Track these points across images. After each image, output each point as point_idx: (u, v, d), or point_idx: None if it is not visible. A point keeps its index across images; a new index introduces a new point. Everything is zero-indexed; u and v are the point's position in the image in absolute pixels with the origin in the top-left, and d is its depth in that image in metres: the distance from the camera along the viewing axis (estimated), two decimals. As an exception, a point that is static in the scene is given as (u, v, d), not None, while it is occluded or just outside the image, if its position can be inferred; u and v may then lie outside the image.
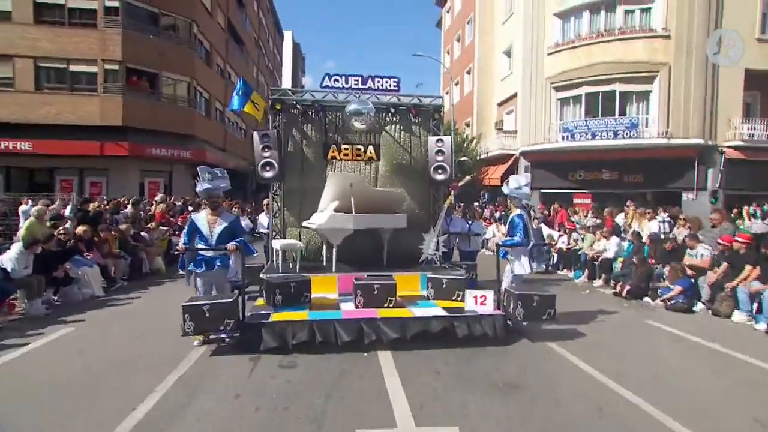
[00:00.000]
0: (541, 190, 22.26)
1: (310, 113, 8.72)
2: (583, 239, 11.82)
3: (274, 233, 8.62)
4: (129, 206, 12.64)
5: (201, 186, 5.92)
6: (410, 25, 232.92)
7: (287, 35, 58.99)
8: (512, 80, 24.51)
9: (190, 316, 5.28)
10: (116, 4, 20.94)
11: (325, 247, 8.19)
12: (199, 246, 5.92)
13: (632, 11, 19.26)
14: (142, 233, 11.77)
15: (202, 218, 6.00)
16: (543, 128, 21.54)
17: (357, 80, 8.70)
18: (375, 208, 7.91)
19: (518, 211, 6.91)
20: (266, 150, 8.10)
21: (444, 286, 6.87)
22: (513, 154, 23.70)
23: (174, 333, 5.56)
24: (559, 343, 6.03)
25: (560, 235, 12.98)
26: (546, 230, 13.26)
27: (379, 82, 8.81)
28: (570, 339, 6.24)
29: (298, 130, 8.74)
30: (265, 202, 10.61)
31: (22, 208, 12.90)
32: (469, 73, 29.76)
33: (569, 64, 20.40)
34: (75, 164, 21.55)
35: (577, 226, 12.73)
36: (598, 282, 10.49)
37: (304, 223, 7.98)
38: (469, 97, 29.60)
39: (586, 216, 14.12)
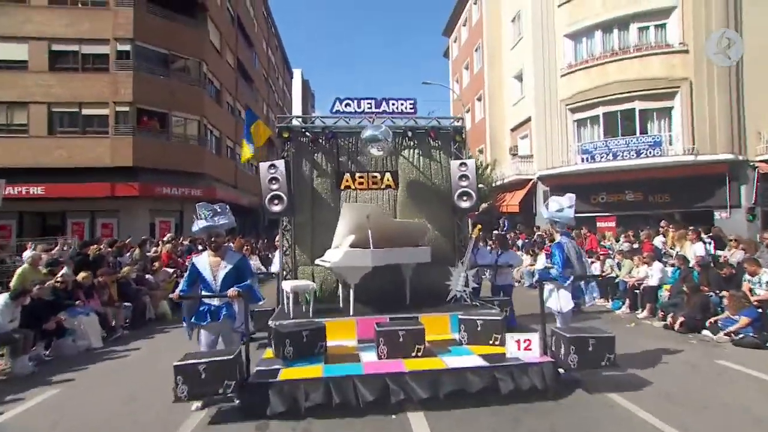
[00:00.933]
0: (562, 215, 21.16)
1: (320, 141, 8.01)
2: (619, 266, 10.78)
3: (284, 273, 7.78)
4: (136, 249, 11.94)
5: (197, 225, 5.14)
6: (417, 57, 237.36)
7: (296, 73, 59.75)
8: (525, 104, 23.88)
9: (183, 378, 4.40)
10: (128, 47, 20.95)
11: (341, 286, 7.33)
12: (200, 293, 5.10)
13: (646, 28, 18.63)
14: (147, 276, 11.02)
15: (203, 261, 5.17)
16: (560, 151, 20.71)
17: (370, 104, 8.01)
18: (395, 241, 7.08)
19: (559, 237, 6.03)
20: (274, 182, 7.36)
21: (479, 328, 5.92)
22: (530, 179, 22.82)
23: (171, 393, 4.68)
24: (623, 394, 5.01)
25: (592, 262, 11.92)
26: (576, 257, 12.24)
27: (393, 104, 8.11)
28: (635, 388, 5.20)
29: (309, 159, 8.02)
30: (277, 239, 9.84)
31: (26, 253, 12.29)
32: (479, 99, 29.28)
33: (584, 84, 19.71)
34: (86, 207, 21.16)
35: (610, 251, 11.70)
36: (643, 313, 9.41)
37: (317, 261, 7.15)
38: (480, 125, 29.03)
39: (617, 240, 13.08)
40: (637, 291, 9.80)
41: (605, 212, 20.22)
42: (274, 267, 8.60)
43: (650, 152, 17.93)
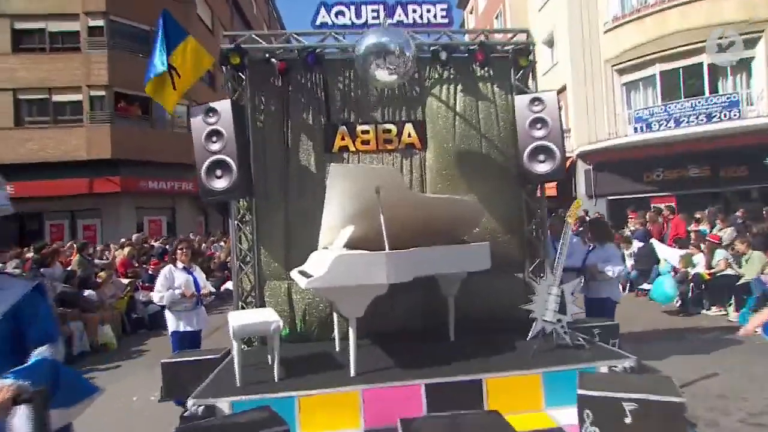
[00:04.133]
0: (609, 197, 17.78)
1: (297, 74, 4.77)
2: (746, 260, 7.33)
3: (240, 294, 4.57)
4: (75, 255, 8.87)
5: None
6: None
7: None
8: (558, 72, 20.28)
9: None
10: (101, 23, 17.92)
11: (335, 317, 4.13)
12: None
13: (716, -38, 14.92)
14: (87, 292, 7.95)
15: None
16: (606, 121, 17.15)
17: (376, 11, 4.74)
18: (429, 234, 3.84)
19: None
20: (214, 139, 4.16)
21: (629, 418, 2.64)
22: (569, 157, 19.29)
23: None
24: None
25: (682, 256, 8.44)
26: (662, 249, 8.82)
27: (415, 10, 4.83)
28: None
29: (276, 103, 4.76)
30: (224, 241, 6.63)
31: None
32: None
33: (635, 38, 16.07)
34: (64, 206, 18.27)
35: (721, 240, 8.22)
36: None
37: (293, 274, 3.93)
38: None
39: (713, 225, 9.59)
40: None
41: (663, 191, 16.64)
42: (229, 283, 5.31)
43: (725, 115, 14.29)
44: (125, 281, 8.91)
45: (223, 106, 4.20)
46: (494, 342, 3.99)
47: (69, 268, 8.33)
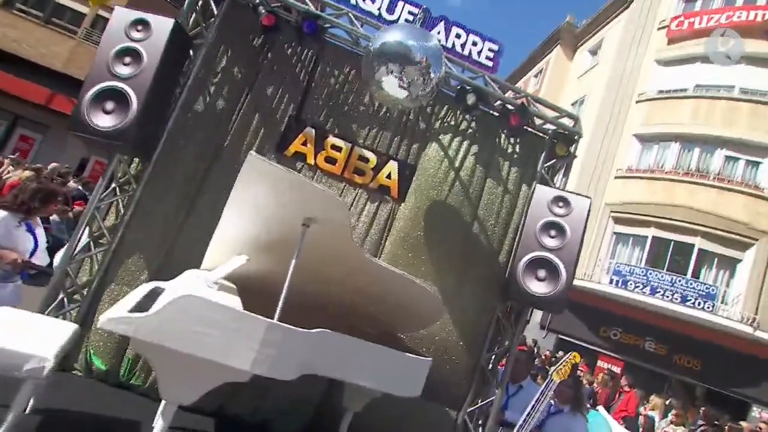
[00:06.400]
0: (560, 336, 16.83)
1: (282, 41, 3.53)
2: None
3: (63, 290, 3.05)
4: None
5: None
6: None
7: None
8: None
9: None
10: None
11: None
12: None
13: (735, 160, 14.95)
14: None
15: None
16: (585, 260, 16.51)
17: (414, 15, 3.63)
18: (354, 315, 2.49)
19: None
20: (126, 61, 2.83)
21: None
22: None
23: None
24: None
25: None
26: (612, 424, 7.57)
27: (459, 36, 3.74)
28: None
29: (244, 66, 3.48)
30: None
31: None
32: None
33: (641, 196, 15.79)
34: (10, 106, 16.05)
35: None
36: None
37: (139, 290, 2.48)
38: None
39: (666, 414, 8.48)
40: None
41: (614, 353, 15.77)
42: (58, 256, 3.64)
43: (698, 303, 13.74)
44: None
45: (162, 24, 2.89)
46: None
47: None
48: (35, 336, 2.04)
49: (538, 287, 3.23)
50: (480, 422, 3.51)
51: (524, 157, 3.80)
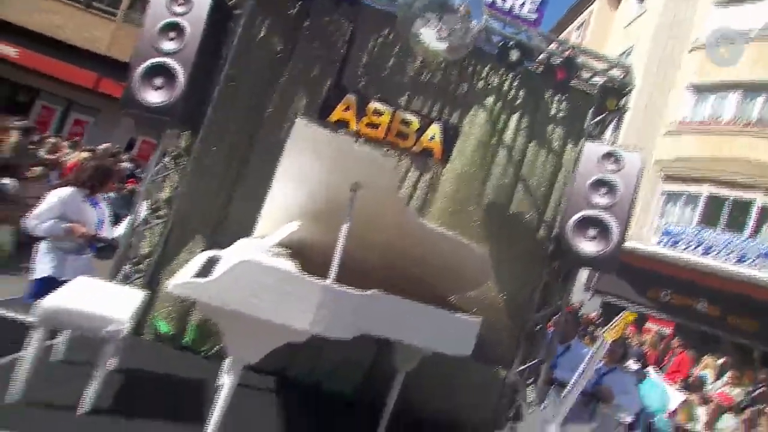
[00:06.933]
0: (605, 298, 16.48)
1: (320, 10, 3.47)
2: None
3: (130, 261, 3.23)
4: (11, 136, 7.49)
5: None
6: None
7: None
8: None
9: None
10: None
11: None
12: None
13: (803, 108, 13.83)
14: (5, 181, 6.59)
15: None
16: (634, 222, 15.89)
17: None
18: (403, 278, 2.53)
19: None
20: (171, 36, 2.88)
21: None
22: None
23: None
24: None
25: (683, 404, 7.03)
26: (664, 384, 7.43)
27: (499, -11, 3.57)
28: None
29: (282, 36, 3.46)
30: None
31: None
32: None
33: (694, 151, 14.93)
34: (64, 92, 16.97)
35: (734, 405, 6.85)
36: None
37: (198, 258, 2.59)
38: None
39: (721, 375, 8.23)
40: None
41: (663, 313, 15.34)
42: (120, 228, 3.84)
43: (757, 263, 13.06)
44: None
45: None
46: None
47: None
48: (112, 301, 2.20)
49: (588, 246, 3.16)
50: (529, 382, 3.54)
51: (570, 114, 3.65)
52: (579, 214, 3.21)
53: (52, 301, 1.98)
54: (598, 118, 3.58)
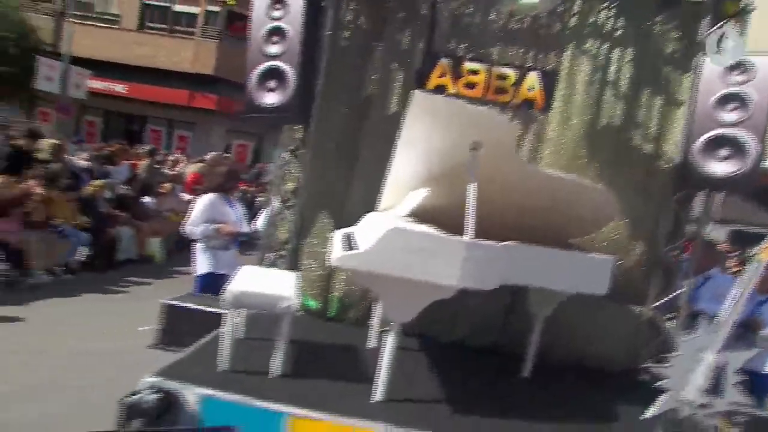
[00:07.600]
0: (734, 227, 14.92)
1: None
2: None
3: (273, 249, 3.63)
4: (143, 160, 8.53)
5: None
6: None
7: None
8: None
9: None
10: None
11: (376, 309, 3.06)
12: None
13: None
14: (146, 199, 7.59)
15: None
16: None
17: None
18: (529, 226, 2.59)
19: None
20: (274, 40, 3.13)
21: None
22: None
23: None
24: None
25: None
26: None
27: None
28: None
29: (370, 14, 3.60)
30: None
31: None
32: None
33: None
34: (165, 114, 18.81)
35: None
36: None
37: (336, 237, 2.87)
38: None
39: None
40: None
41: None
42: (259, 222, 4.31)
43: None
44: (187, 197, 8.50)
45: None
46: (589, 401, 2.73)
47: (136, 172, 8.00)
48: (278, 283, 2.54)
49: (721, 167, 2.95)
50: (668, 316, 3.45)
51: (681, 30, 3.36)
52: (705, 136, 3.00)
53: (235, 287, 2.35)
54: (715, 27, 3.26)
